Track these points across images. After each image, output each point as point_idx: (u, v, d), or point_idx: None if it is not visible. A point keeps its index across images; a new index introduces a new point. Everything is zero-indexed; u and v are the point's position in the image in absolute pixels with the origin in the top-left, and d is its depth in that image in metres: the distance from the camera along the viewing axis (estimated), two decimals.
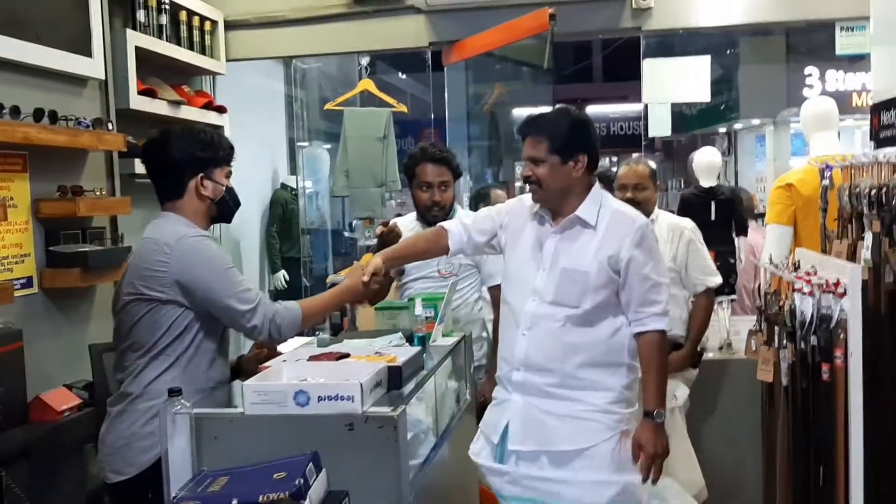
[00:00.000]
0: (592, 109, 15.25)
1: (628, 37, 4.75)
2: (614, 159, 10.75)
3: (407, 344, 2.61)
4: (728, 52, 8.29)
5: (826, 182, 2.79)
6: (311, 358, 2.36)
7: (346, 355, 2.36)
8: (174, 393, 2.02)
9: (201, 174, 2.41)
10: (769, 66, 8.18)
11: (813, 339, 2.16)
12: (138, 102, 3.73)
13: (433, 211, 3.29)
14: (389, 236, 3.12)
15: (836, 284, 2.16)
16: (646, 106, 4.55)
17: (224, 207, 2.50)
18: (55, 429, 2.97)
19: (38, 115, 3.09)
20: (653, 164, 3.69)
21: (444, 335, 2.92)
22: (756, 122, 9.47)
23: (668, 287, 2.51)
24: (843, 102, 7.06)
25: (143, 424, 2.30)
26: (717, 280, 3.60)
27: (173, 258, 2.29)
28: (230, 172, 2.52)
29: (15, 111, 2.99)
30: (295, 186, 5.48)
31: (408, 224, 3.42)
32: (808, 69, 7.73)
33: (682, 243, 3.55)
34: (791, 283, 2.36)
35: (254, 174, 5.46)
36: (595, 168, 2.58)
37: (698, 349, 3.63)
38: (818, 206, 3.59)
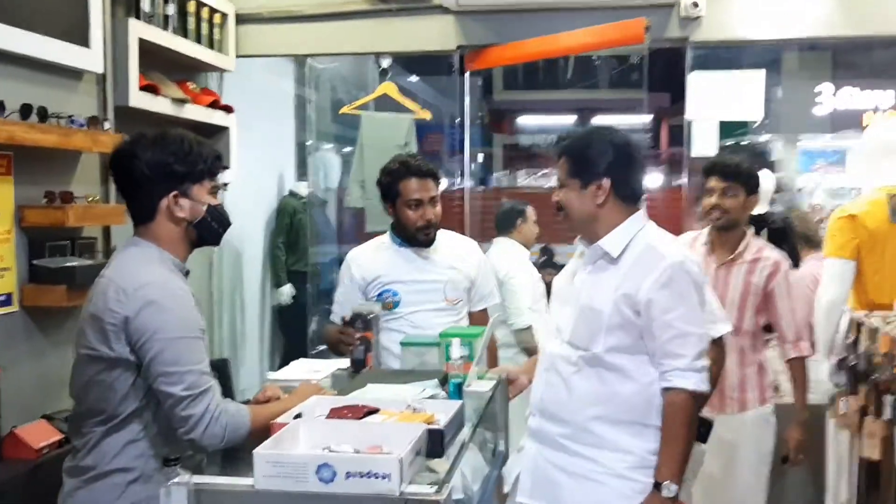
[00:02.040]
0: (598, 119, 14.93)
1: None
2: None
3: (442, 392, 2.25)
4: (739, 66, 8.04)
5: None
6: (332, 412, 2.00)
7: (375, 411, 2.00)
8: (170, 462, 1.66)
9: (174, 192, 2.01)
10: (780, 80, 7.96)
11: None
12: (139, 99, 3.36)
13: (426, 231, 2.95)
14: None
15: None
16: (689, 123, 4.20)
17: (206, 230, 2.08)
18: (32, 469, 2.62)
19: (25, 111, 2.74)
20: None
21: (478, 378, 2.58)
22: (764, 138, 9.25)
23: (702, 339, 2.19)
24: (854, 121, 6.85)
25: None
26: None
27: (127, 310, 1.89)
28: (216, 188, 2.12)
29: (28, 110, 2.69)
30: (304, 194, 5.11)
31: (371, 249, 3.10)
32: (819, 87, 7.52)
33: None
34: None
35: (259, 180, 5.10)
36: (632, 196, 2.28)
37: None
38: (886, 240, 3.28)
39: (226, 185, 2.15)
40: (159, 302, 1.91)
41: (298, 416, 1.99)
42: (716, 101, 4.05)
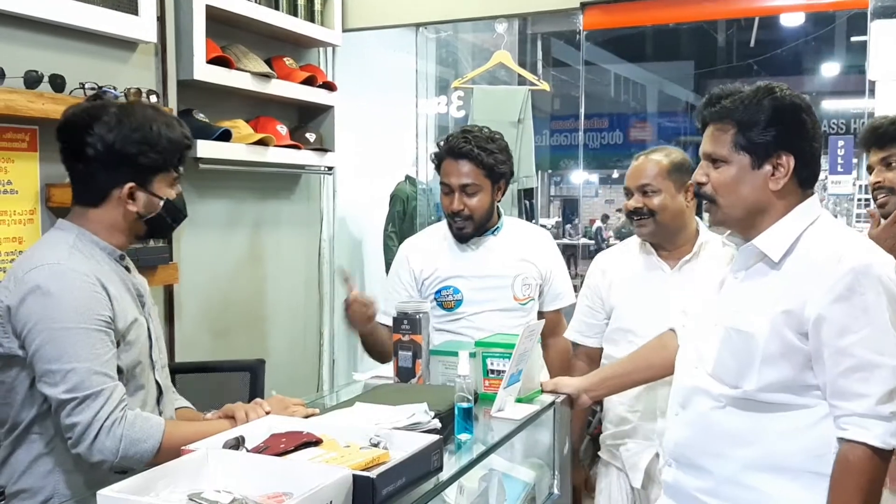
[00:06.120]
0: None
1: None
2: None
3: (434, 421, 1.74)
4: None
5: None
6: (273, 437, 1.59)
7: (316, 442, 1.55)
8: None
9: (132, 183, 1.73)
10: None
11: None
12: (206, 73, 3.11)
13: (456, 222, 2.53)
14: (358, 309, 2.44)
15: None
16: (872, 86, 3.33)
17: (158, 227, 1.81)
18: None
19: (57, 82, 2.56)
20: None
21: (520, 401, 2.05)
22: None
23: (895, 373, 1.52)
24: None
25: None
26: None
27: (11, 298, 1.63)
28: (177, 179, 1.82)
29: (58, 81, 2.53)
30: (423, 179, 4.70)
31: (427, 238, 2.72)
32: None
33: None
34: None
35: (380, 163, 4.76)
36: (810, 178, 1.69)
37: None
38: None
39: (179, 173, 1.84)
40: (44, 286, 1.61)
41: (238, 439, 1.58)
42: None
